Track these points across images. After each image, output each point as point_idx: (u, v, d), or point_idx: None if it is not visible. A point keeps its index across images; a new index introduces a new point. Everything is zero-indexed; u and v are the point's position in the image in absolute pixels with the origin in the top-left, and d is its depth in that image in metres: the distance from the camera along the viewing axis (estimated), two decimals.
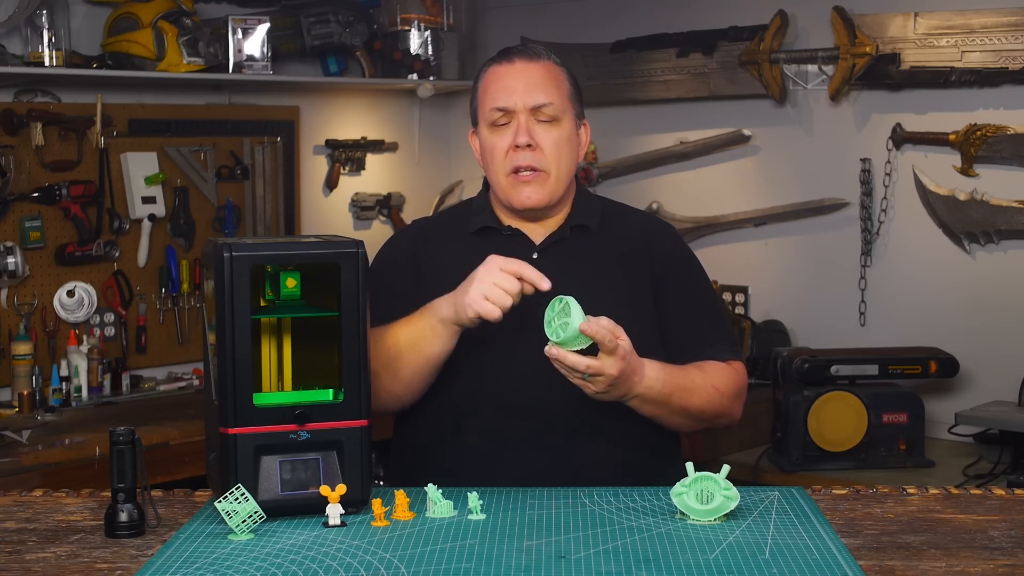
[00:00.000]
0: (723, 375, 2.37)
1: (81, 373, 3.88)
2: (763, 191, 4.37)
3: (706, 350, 2.39)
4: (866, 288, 4.14)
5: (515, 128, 2.32)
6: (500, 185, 2.36)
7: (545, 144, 2.32)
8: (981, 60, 3.82)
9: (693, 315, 2.43)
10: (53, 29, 3.86)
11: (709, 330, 2.43)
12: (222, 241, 2.00)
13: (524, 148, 2.31)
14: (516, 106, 2.32)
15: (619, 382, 2.16)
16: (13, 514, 2.06)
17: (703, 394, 2.32)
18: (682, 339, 2.39)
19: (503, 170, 2.34)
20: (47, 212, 3.96)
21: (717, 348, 2.41)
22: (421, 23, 4.71)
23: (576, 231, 2.40)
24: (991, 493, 2.15)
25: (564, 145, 2.35)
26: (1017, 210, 3.83)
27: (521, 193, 2.33)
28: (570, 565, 1.76)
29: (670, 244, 2.48)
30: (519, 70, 2.35)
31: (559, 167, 2.34)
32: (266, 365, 2.11)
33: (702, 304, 2.47)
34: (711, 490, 1.97)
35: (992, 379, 3.85)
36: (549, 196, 2.34)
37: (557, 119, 2.34)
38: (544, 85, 2.34)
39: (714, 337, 2.43)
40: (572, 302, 2.09)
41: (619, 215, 2.50)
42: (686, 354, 2.37)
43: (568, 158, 2.36)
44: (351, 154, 4.81)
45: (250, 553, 1.83)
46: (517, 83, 2.33)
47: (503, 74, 2.36)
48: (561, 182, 2.36)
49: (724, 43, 4.36)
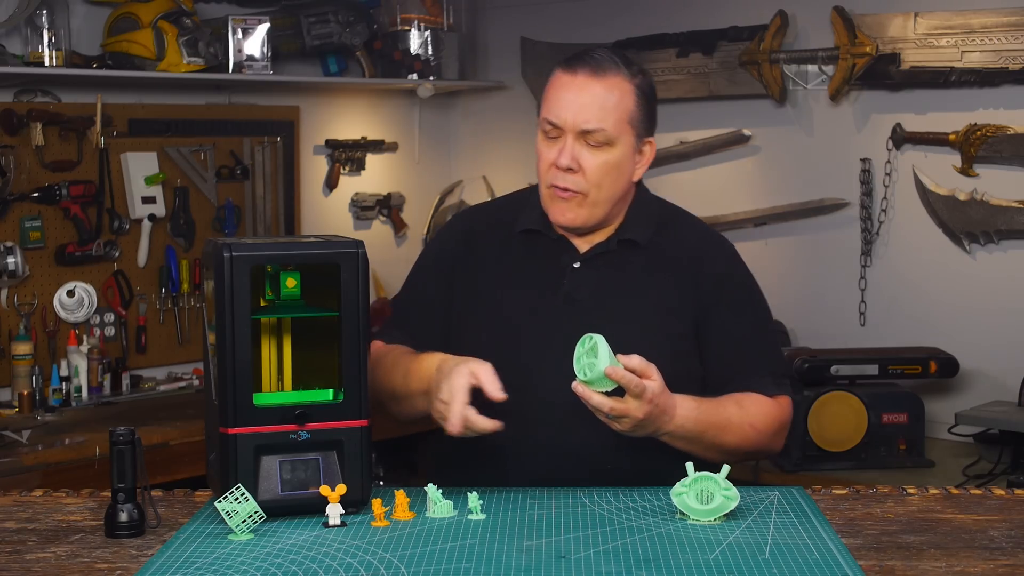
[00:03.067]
0: (762, 411, 2.26)
1: (81, 373, 3.88)
2: (763, 191, 4.37)
3: (751, 382, 2.28)
4: (866, 288, 4.14)
5: (560, 147, 2.23)
6: (541, 195, 2.30)
7: (589, 168, 2.23)
8: (981, 60, 3.82)
9: (739, 344, 2.31)
10: (53, 29, 3.86)
11: (755, 361, 2.32)
12: (222, 241, 2.00)
13: (565, 170, 2.23)
14: (565, 125, 2.22)
15: (646, 423, 2.10)
16: (13, 514, 2.06)
17: (738, 432, 2.23)
18: (725, 369, 2.29)
19: (544, 182, 2.28)
20: (47, 212, 3.96)
21: (762, 381, 2.29)
22: (421, 23, 4.71)
23: (624, 244, 2.31)
24: (991, 493, 2.15)
25: (612, 170, 2.25)
26: (1017, 210, 3.82)
27: (556, 209, 2.27)
28: (570, 565, 1.76)
29: (723, 265, 2.36)
30: (579, 85, 2.22)
31: (600, 191, 2.24)
32: (266, 365, 2.11)
33: (750, 332, 2.34)
34: (711, 490, 1.97)
35: (992, 379, 3.85)
36: (585, 219, 2.27)
37: (609, 144, 2.23)
38: (601, 108, 2.22)
39: (760, 369, 2.31)
40: (600, 342, 2.03)
41: (675, 227, 2.38)
42: (729, 385, 2.28)
43: (613, 183, 2.26)
44: (351, 154, 4.81)
45: (250, 553, 1.82)
46: (572, 102, 2.22)
47: (564, 85, 2.24)
48: (600, 206, 2.26)
49: (724, 43, 4.36)
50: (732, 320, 2.31)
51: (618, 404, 2.06)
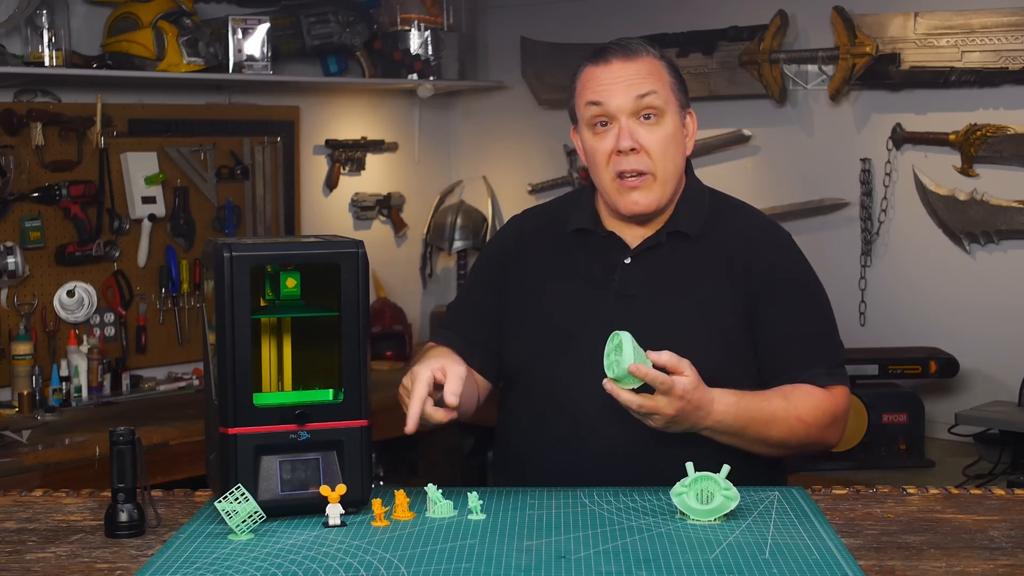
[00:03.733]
0: (812, 403, 2.24)
1: (81, 373, 3.88)
2: (763, 191, 4.37)
3: (803, 373, 2.26)
4: (866, 288, 4.14)
5: (617, 132, 2.24)
6: (606, 190, 2.29)
7: (650, 145, 2.24)
8: (981, 60, 3.82)
9: (791, 335, 2.29)
10: (53, 29, 3.86)
11: (807, 351, 2.29)
12: (222, 241, 2.00)
13: (628, 152, 2.24)
14: (616, 109, 2.24)
15: (679, 419, 2.09)
16: (13, 514, 2.06)
17: (784, 425, 2.21)
18: (777, 360, 2.28)
19: (608, 175, 2.26)
20: (47, 212, 3.96)
21: (814, 371, 2.27)
22: (421, 23, 4.71)
23: (673, 236, 2.31)
24: (991, 493, 2.15)
25: (670, 144, 2.26)
26: (1017, 210, 3.82)
27: (628, 199, 2.26)
28: (570, 565, 1.76)
29: (775, 255, 2.34)
30: (616, 70, 2.25)
31: (666, 168, 2.25)
32: (266, 365, 2.11)
33: (803, 322, 2.31)
34: (711, 490, 1.97)
35: (992, 379, 3.85)
36: (658, 200, 2.27)
37: (660, 114, 2.25)
38: (645, 79, 2.25)
39: (812, 360, 2.28)
40: (626, 339, 2.04)
41: (726, 217, 2.37)
42: (782, 376, 2.26)
43: (675, 157, 2.27)
44: (351, 154, 4.81)
45: (250, 553, 1.82)
46: (617, 82, 2.24)
47: (600, 74, 2.26)
48: (669, 184, 2.27)
49: (724, 43, 4.36)
50: (784, 311, 2.29)
51: (647, 401, 2.06)
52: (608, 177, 2.27)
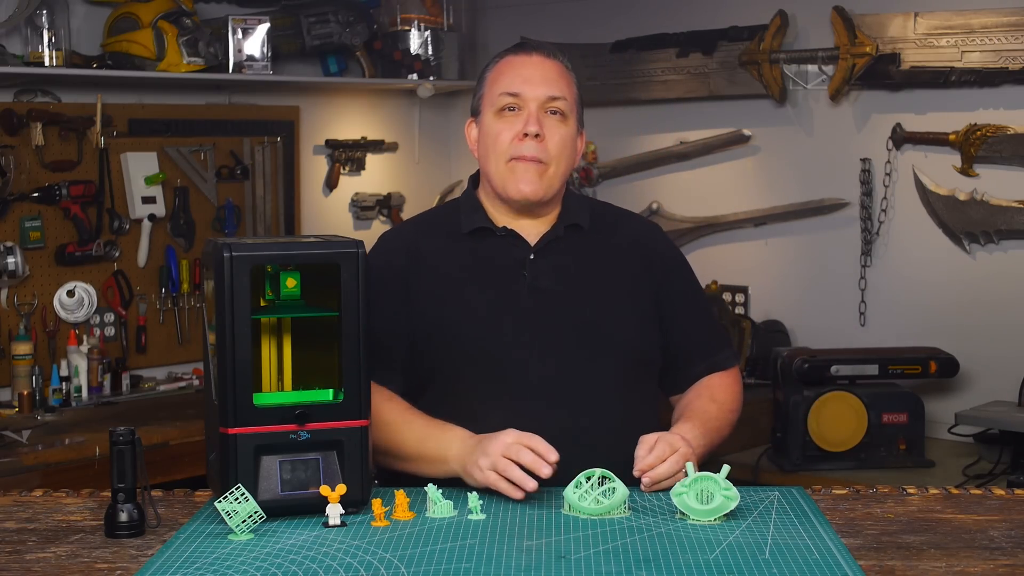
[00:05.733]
0: (728, 393, 2.43)
1: (81, 373, 3.88)
2: (763, 191, 4.37)
3: (709, 357, 2.43)
4: (866, 288, 4.14)
5: (525, 117, 2.31)
6: (498, 173, 2.33)
7: (552, 137, 2.32)
8: (981, 60, 3.82)
9: (694, 320, 2.44)
10: (53, 29, 3.86)
11: (710, 336, 2.46)
12: (222, 241, 2.00)
13: (532, 138, 2.30)
14: (530, 95, 2.32)
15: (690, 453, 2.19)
16: (13, 514, 2.06)
17: (727, 423, 2.40)
18: (686, 346, 2.42)
19: (504, 157, 2.32)
20: (47, 212, 3.96)
21: (720, 355, 2.45)
22: (421, 23, 4.71)
23: (570, 230, 2.39)
24: (991, 493, 2.15)
25: (568, 145, 2.35)
26: (1017, 210, 3.83)
27: (519, 181, 2.31)
28: (570, 565, 1.76)
29: (663, 246, 2.48)
30: (536, 63, 2.35)
31: (559, 164, 2.33)
32: (266, 365, 2.11)
33: (700, 308, 2.49)
34: (711, 490, 1.97)
35: (992, 379, 3.85)
36: (545, 189, 2.33)
37: (565, 118, 2.34)
38: (559, 81, 2.34)
39: (716, 343, 2.46)
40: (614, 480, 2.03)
41: (607, 214, 2.49)
42: (690, 363, 2.41)
43: (568, 159, 2.36)
44: (351, 154, 4.81)
45: (250, 553, 1.83)
46: (534, 74, 2.33)
47: (520, 64, 2.35)
48: (557, 178, 2.35)
49: (724, 43, 4.36)
50: (684, 297, 2.44)
51: (674, 466, 2.13)
52: (503, 160, 2.33)
